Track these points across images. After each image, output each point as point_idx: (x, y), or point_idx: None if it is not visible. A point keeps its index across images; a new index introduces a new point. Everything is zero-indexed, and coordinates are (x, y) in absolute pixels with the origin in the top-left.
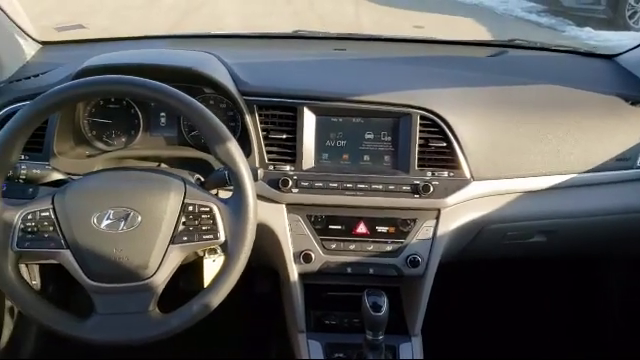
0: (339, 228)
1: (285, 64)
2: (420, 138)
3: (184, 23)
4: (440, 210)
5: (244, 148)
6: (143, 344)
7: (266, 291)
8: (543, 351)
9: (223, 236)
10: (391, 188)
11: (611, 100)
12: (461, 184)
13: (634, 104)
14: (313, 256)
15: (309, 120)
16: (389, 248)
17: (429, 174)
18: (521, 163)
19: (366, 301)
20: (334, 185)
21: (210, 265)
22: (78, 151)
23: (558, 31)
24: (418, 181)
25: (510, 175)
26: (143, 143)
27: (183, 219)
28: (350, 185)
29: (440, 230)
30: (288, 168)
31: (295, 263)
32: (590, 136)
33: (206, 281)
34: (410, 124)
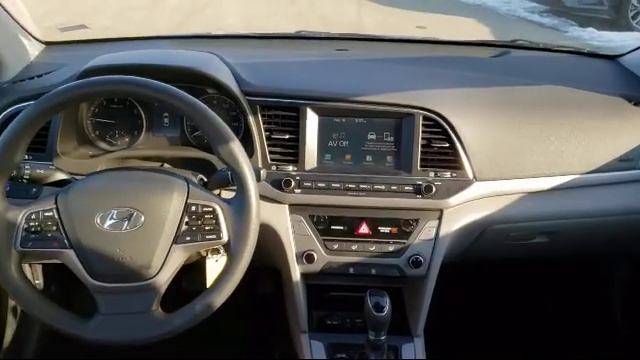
0: (341, 228)
1: (288, 64)
2: (423, 138)
3: (187, 24)
4: (442, 210)
5: (247, 148)
6: (146, 344)
7: (269, 291)
8: (545, 351)
9: (226, 236)
10: (393, 188)
11: (614, 101)
12: (464, 185)
13: (637, 105)
14: (315, 256)
15: (312, 120)
16: (391, 248)
17: (432, 174)
18: (524, 164)
19: (369, 301)
20: (336, 185)
21: (213, 265)
22: (81, 151)
23: (561, 32)
24: (421, 181)
25: (513, 176)
26: (146, 143)
27: (186, 219)
28: (352, 185)
29: (442, 230)
30: (291, 168)
31: (298, 263)
32: (593, 137)
33: (209, 281)
34: (413, 124)
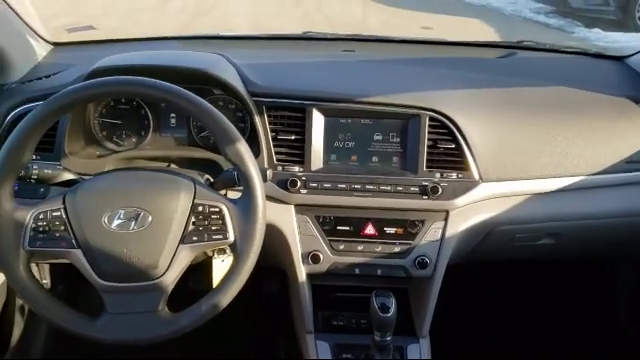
0: (347, 229)
1: (294, 65)
2: (429, 139)
3: (195, 25)
4: (448, 211)
5: (253, 149)
6: (152, 343)
7: (274, 291)
8: (550, 353)
9: (232, 236)
10: (399, 189)
11: (621, 102)
12: (470, 185)
13: None
14: (321, 257)
15: (318, 121)
16: (397, 249)
17: (438, 175)
18: (530, 165)
19: (374, 302)
20: (342, 186)
21: (219, 265)
22: (89, 151)
23: (567, 32)
24: (427, 182)
25: (519, 177)
26: (153, 144)
27: (193, 219)
28: (358, 186)
29: (448, 231)
30: (297, 169)
31: (303, 264)
32: (599, 138)
33: (215, 281)
34: (419, 125)
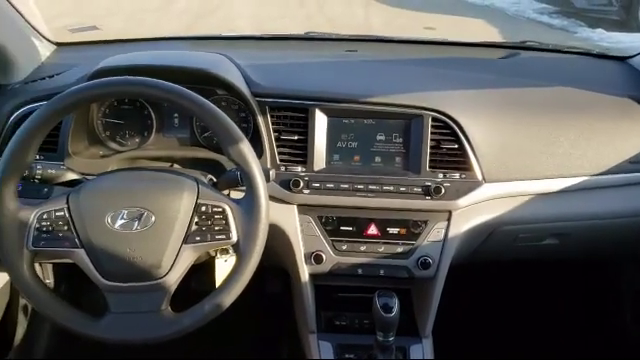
0: (350, 229)
1: (297, 66)
2: (432, 140)
3: (198, 25)
4: (451, 212)
5: (256, 149)
6: (155, 343)
7: (277, 291)
8: (554, 353)
9: (235, 236)
10: (402, 190)
11: (624, 102)
12: (472, 186)
13: None
14: (324, 257)
15: (321, 121)
16: (400, 250)
17: (440, 176)
18: (533, 165)
19: (377, 302)
20: (345, 186)
21: (222, 265)
22: (92, 151)
23: (570, 33)
24: (429, 183)
25: (522, 177)
26: (156, 144)
27: (196, 219)
28: (361, 186)
29: (451, 232)
30: (299, 169)
31: (306, 264)
32: (602, 138)
33: (218, 281)
34: (422, 126)
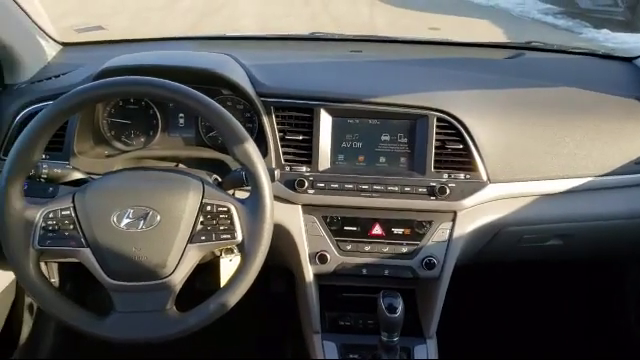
0: (355, 229)
1: (302, 66)
2: (436, 140)
3: (203, 25)
4: (456, 212)
5: (261, 149)
6: (160, 342)
7: (282, 291)
8: (558, 354)
9: (240, 236)
10: (407, 190)
11: (629, 103)
12: (477, 186)
13: None
14: (328, 257)
15: (325, 121)
16: (404, 250)
17: (445, 176)
18: (538, 166)
19: (382, 302)
20: (350, 186)
21: (227, 265)
22: (97, 151)
23: (575, 33)
24: (434, 183)
25: (527, 178)
26: (161, 143)
27: (201, 219)
28: (366, 186)
29: (456, 232)
30: (304, 169)
31: (310, 264)
32: (607, 139)
33: (222, 281)
34: (427, 126)
